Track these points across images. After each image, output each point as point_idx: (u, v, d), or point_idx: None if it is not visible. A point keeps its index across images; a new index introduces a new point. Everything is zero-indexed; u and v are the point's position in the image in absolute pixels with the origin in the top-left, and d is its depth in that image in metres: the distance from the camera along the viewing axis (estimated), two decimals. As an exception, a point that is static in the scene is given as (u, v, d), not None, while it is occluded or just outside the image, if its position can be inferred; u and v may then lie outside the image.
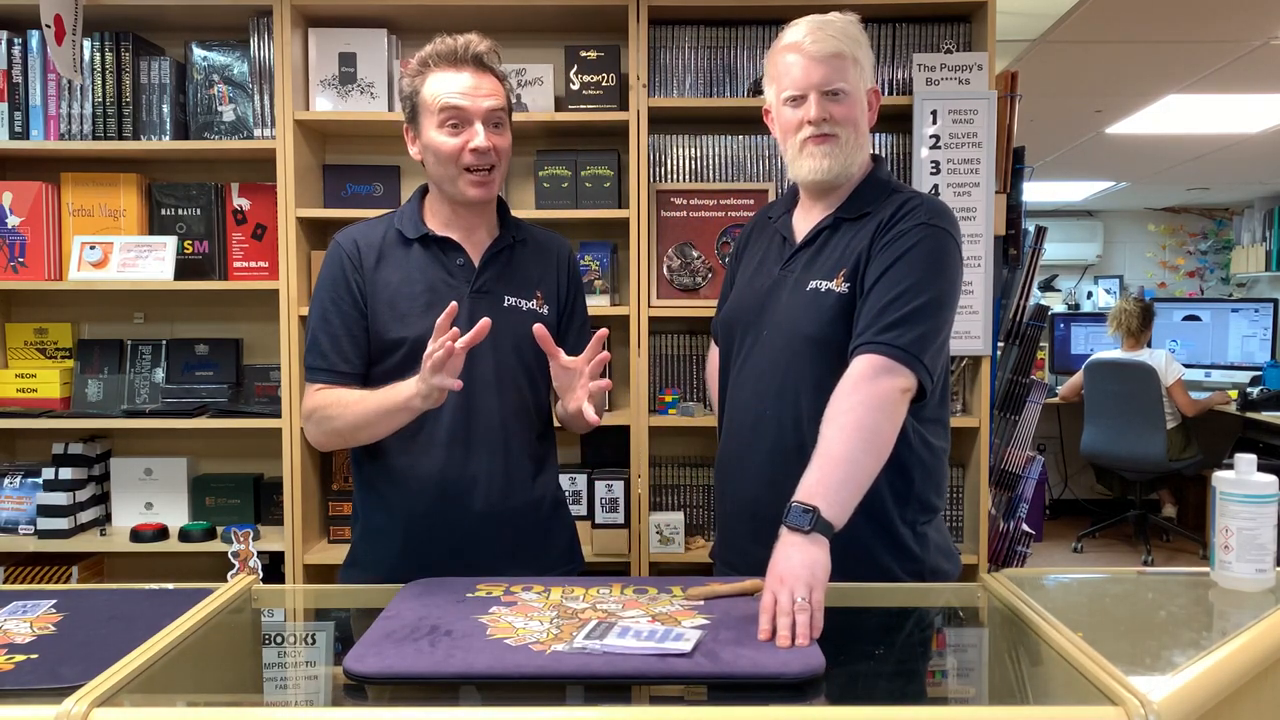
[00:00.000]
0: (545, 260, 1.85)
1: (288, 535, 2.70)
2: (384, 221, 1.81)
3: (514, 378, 1.75)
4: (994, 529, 2.82)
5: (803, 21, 1.68)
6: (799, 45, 1.64)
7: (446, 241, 1.75)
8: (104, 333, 2.94)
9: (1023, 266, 2.87)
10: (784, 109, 1.68)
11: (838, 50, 1.63)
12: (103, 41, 2.70)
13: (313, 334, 1.74)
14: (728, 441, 1.79)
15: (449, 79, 1.68)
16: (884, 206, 1.68)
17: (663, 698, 1.21)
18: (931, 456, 1.71)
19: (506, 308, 1.76)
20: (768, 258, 1.78)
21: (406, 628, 1.33)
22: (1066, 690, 1.20)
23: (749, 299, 1.76)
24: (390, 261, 1.74)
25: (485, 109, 1.68)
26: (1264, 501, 1.46)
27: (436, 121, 1.68)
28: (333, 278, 1.74)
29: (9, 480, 2.80)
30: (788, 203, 1.82)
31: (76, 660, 1.23)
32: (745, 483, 1.73)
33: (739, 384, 1.75)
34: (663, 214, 2.76)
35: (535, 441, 1.81)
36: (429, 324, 1.67)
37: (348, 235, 1.78)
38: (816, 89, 1.63)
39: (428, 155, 1.72)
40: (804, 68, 1.64)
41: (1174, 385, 5.43)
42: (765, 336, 1.71)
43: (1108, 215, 7.53)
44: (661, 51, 2.74)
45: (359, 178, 2.82)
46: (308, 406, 1.72)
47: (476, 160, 1.69)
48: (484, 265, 1.76)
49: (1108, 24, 3.22)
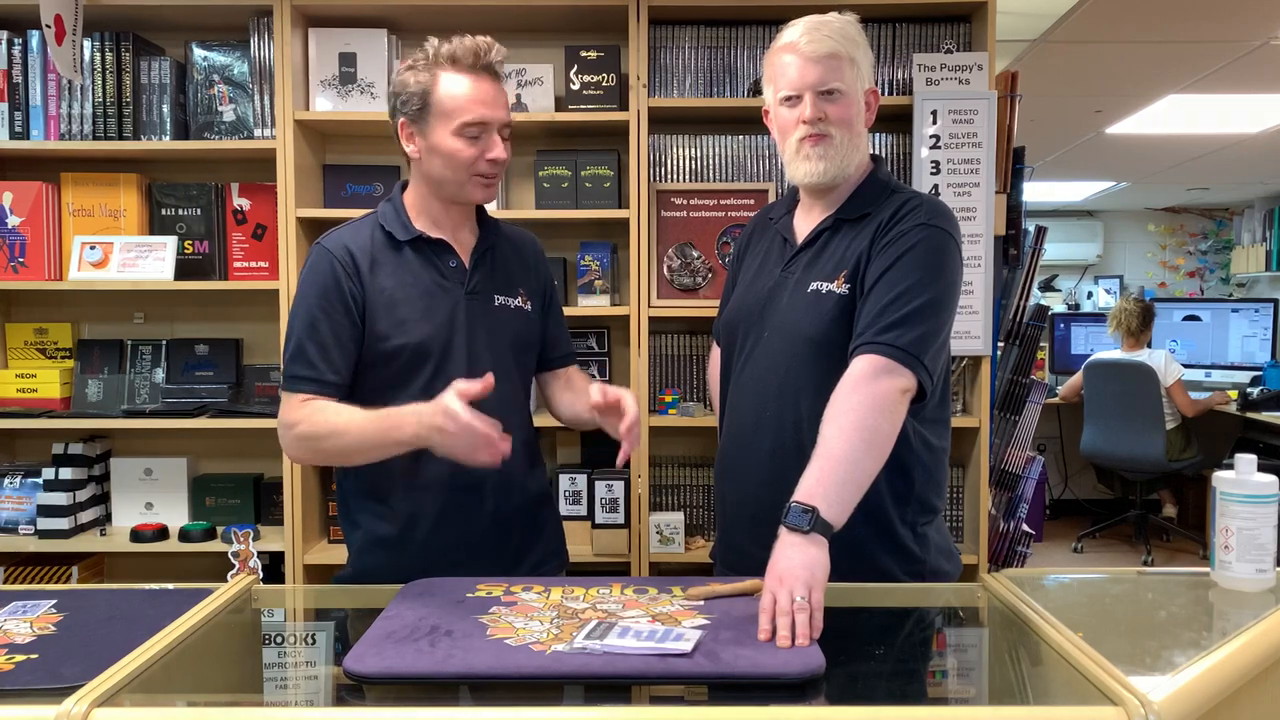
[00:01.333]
0: (523, 258, 1.85)
1: (288, 535, 2.70)
2: (367, 224, 1.75)
3: (508, 376, 1.75)
4: (994, 529, 2.82)
5: (800, 22, 1.68)
6: (795, 45, 1.64)
7: (439, 243, 1.73)
8: (104, 333, 2.94)
9: (1023, 266, 2.87)
10: (780, 109, 1.68)
11: (833, 50, 1.63)
12: (103, 41, 2.70)
13: (297, 342, 1.66)
14: (728, 442, 1.79)
15: (468, 86, 1.64)
16: (884, 207, 1.68)
17: (663, 698, 1.21)
18: (931, 457, 1.71)
19: (497, 306, 1.76)
20: (769, 259, 1.78)
21: (406, 628, 1.33)
22: (1066, 690, 1.20)
23: (750, 301, 1.76)
24: (384, 267, 1.70)
25: (501, 121, 1.68)
26: (1264, 501, 1.46)
27: (455, 128, 1.64)
28: (322, 285, 1.67)
29: (9, 480, 2.80)
30: (788, 203, 1.82)
31: (76, 660, 1.23)
32: (746, 484, 1.73)
33: (740, 385, 1.76)
34: (663, 214, 2.76)
35: (529, 438, 1.82)
36: (428, 330, 1.68)
37: (336, 241, 1.71)
38: (812, 89, 1.63)
39: (434, 158, 1.67)
40: (799, 68, 1.64)
41: (1173, 385, 5.43)
42: (766, 338, 1.71)
43: (1108, 215, 7.53)
44: (661, 51, 2.74)
45: (359, 178, 2.82)
46: (290, 418, 1.65)
47: (491, 169, 1.69)
48: (474, 266, 1.75)
49: (1108, 24, 3.22)
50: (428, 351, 1.68)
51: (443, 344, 1.69)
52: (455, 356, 1.69)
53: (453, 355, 1.70)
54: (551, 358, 1.90)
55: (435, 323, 1.69)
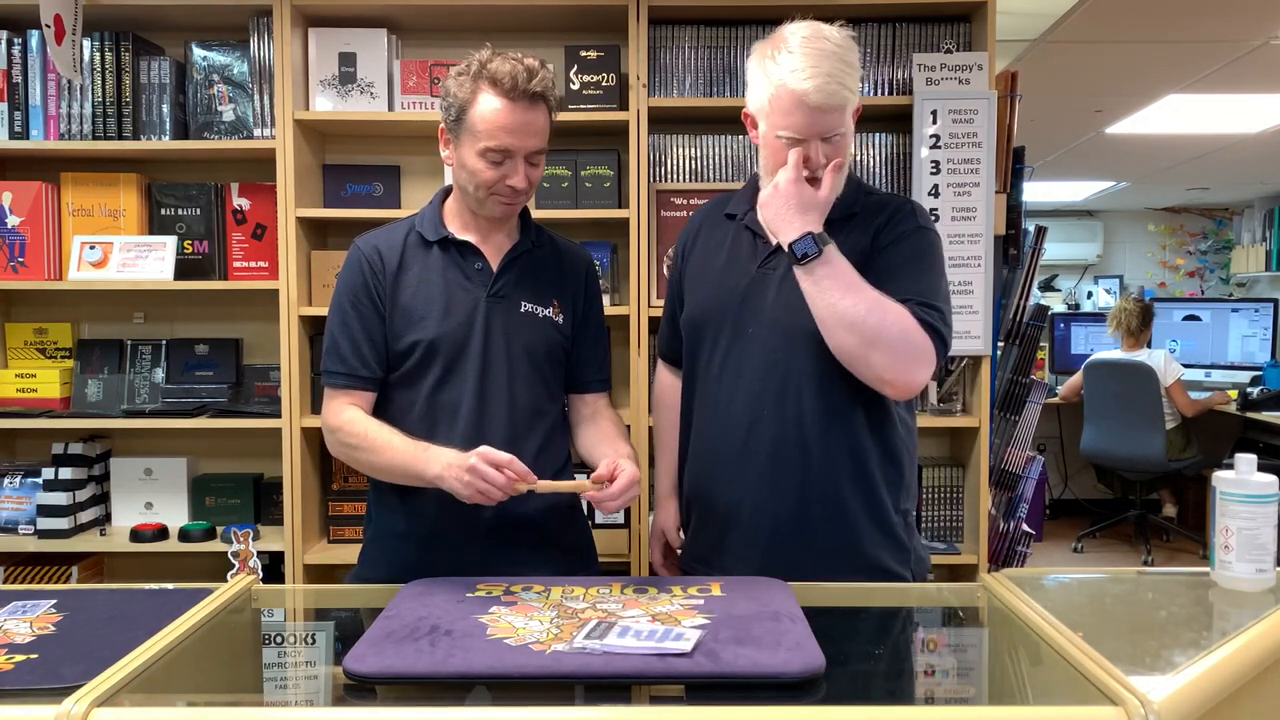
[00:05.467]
0: (567, 270, 1.83)
1: (288, 535, 2.70)
2: (405, 225, 1.80)
3: (528, 383, 1.75)
4: (994, 529, 2.82)
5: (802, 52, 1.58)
6: (805, 95, 1.57)
7: (465, 245, 1.75)
8: (104, 333, 2.94)
9: (1023, 266, 2.87)
10: (775, 139, 1.64)
11: (842, 102, 1.59)
12: (103, 41, 2.70)
13: (332, 338, 1.73)
14: (715, 444, 1.75)
15: (502, 110, 1.63)
16: (870, 209, 1.71)
17: (663, 698, 1.21)
18: (911, 441, 1.77)
19: (523, 313, 1.75)
20: (738, 256, 1.75)
21: (406, 627, 1.33)
22: (1066, 690, 1.20)
23: (724, 297, 1.74)
24: (411, 266, 1.74)
25: (530, 149, 1.66)
26: (1264, 501, 1.46)
27: (479, 149, 1.64)
28: (351, 283, 1.73)
29: (9, 480, 2.80)
30: (749, 199, 1.77)
31: (76, 660, 1.23)
32: (743, 486, 1.70)
33: (722, 384, 1.73)
34: (663, 214, 2.76)
35: (549, 446, 1.79)
36: (443, 328, 1.69)
37: (368, 240, 1.77)
38: (817, 136, 1.61)
39: (461, 170, 1.70)
40: (808, 117, 1.59)
41: (1173, 385, 5.44)
42: (753, 334, 1.69)
43: (1108, 215, 7.53)
44: (661, 51, 2.74)
45: (359, 177, 2.82)
46: (333, 423, 1.71)
47: (511, 195, 1.69)
48: (502, 270, 1.75)
49: (1108, 24, 3.22)
50: (440, 349, 1.69)
51: (457, 343, 1.70)
52: (469, 357, 1.70)
53: (467, 355, 1.70)
54: (577, 380, 1.86)
55: (452, 322, 1.70)
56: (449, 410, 1.70)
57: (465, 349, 1.70)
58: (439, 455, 1.58)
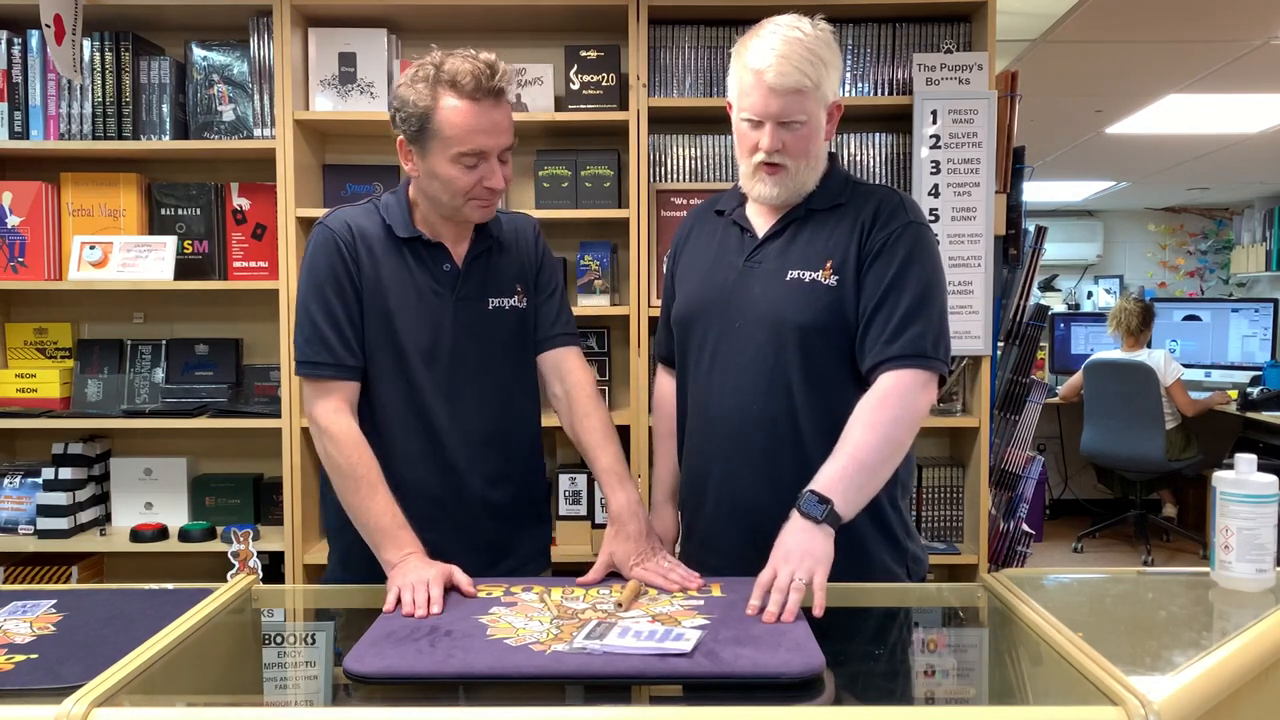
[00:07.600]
0: (519, 248, 1.80)
1: (287, 535, 2.70)
2: (372, 212, 1.72)
3: (499, 378, 1.74)
4: (994, 529, 2.82)
5: (771, 36, 1.59)
6: (761, 73, 1.58)
7: (435, 245, 1.71)
8: (104, 333, 2.94)
9: (1023, 266, 2.87)
10: (741, 123, 1.65)
11: (798, 85, 1.58)
12: (103, 41, 2.70)
13: (312, 325, 1.64)
14: (707, 442, 1.74)
15: (468, 114, 1.57)
16: (857, 200, 1.69)
17: (663, 698, 1.21)
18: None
19: (491, 310, 1.74)
20: (726, 250, 1.75)
21: (406, 628, 1.33)
22: (1066, 690, 1.20)
23: (711, 292, 1.73)
24: (383, 261, 1.68)
25: (503, 146, 1.63)
26: (1264, 501, 1.46)
27: (451, 156, 1.59)
28: (331, 266, 1.65)
29: (9, 480, 2.80)
30: (739, 196, 1.77)
31: (76, 660, 1.23)
32: (740, 483, 1.70)
33: (712, 380, 1.71)
34: (663, 214, 2.76)
35: (521, 440, 1.80)
36: (414, 333, 1.67)
37: (339, 221, 1.68)
38: (773, 119, 1.60)
39: (432, 181, 1.64)
40: (763, 97, 1.59)
41: (1173, 385, 5.43)
42: (739, 328, 1.68)
43: (1108, 215, 7.53)
44: (661, 51, 2.74)
45: (359, 177, 2.82)
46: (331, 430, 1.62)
47: (488, 196, 1.66)
48: (468, 271, 1.72)
49: (1108, 24, 3.22)
50: (411, 354, 1.68)
51: (427, 348, 1.68)
52: (439, 360, 1.69)
53: (438, 359, 1.69)
54: (540, 340, 1.80)
55: (423, 327, 1.68)
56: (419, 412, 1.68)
57: (436, 352, 1.68)
58: (401, 548, 1.53)
